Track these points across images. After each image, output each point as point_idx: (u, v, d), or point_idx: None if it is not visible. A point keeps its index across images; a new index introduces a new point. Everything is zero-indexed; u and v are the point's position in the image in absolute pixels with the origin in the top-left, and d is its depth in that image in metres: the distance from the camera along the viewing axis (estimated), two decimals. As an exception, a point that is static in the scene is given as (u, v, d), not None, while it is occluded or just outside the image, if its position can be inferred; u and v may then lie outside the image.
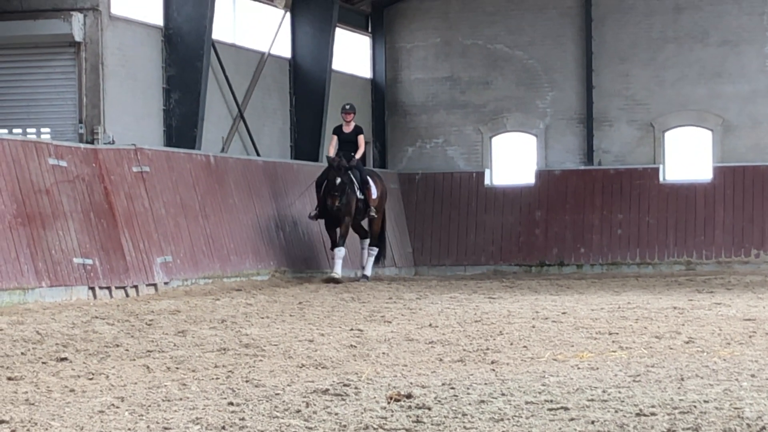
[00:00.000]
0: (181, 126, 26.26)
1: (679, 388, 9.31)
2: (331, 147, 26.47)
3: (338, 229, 26.12)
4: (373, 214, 26.79)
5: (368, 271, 27.38)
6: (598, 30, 33.39)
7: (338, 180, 25.19)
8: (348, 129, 26.19)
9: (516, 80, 34.09)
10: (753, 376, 9.98)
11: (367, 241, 27.56)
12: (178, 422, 7.99)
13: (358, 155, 26.24)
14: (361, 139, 26.27)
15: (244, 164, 26.89)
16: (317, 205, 26.14)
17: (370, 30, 35.26)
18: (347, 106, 26.51)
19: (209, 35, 26.40)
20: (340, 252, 25.79)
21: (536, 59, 34.01)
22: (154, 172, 23.18)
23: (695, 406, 8.31)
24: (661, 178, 32.05)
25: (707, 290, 22.83)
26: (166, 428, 7.79)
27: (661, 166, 32.29)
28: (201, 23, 26.20)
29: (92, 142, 23.39)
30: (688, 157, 32.79)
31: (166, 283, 22.37)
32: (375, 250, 27.56)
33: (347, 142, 26.20)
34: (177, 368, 11.07)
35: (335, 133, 26.35)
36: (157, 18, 26.34)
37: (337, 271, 25.73)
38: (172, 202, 23.48)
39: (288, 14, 31.11)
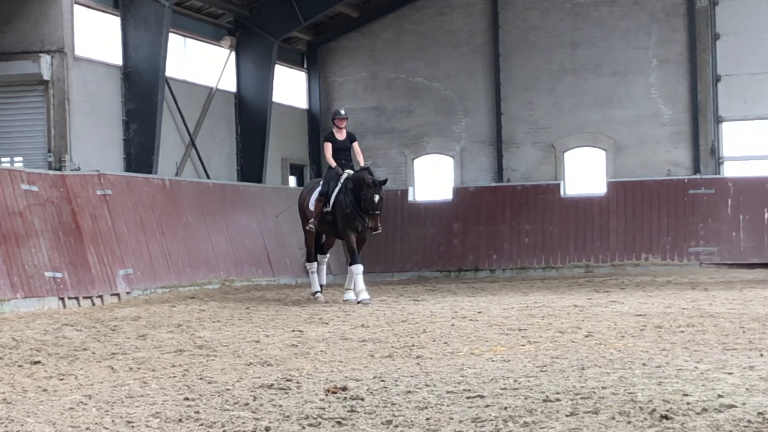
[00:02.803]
0: (140, 153, 26.22)
1: (580, 376, 9.35)
2: (329, 156, 21.62)
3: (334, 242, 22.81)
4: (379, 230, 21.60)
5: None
6: (506, 64, 33.56)
7: (377, 197, 20.67)
8: (341, 136, 21.70)
9: (434, 109, 34.19)
10: (644, 364, 10.04)
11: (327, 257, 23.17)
12: (140, 416, 7.95)
13: (363, 163, 21.96)
14: (357, 146, 22.06)
15: (196, 186, 26.80)
16: (314, 216, 21.54)
17: (305, 66, 35.27)
18: (342, 112, 22.06)
19: (163, 73, 26.37)
20: (359, 269, 20.85)
21: (452, 90, 34.14)
22: (115, 195, 23.07)
23: (594, 392, 8.35)
24: (562, 193, 32.23)
25: (603, 290, 22.94)
26: (129, 422, 7.74)
27: (561, 182, 32.47)
28: (156, 62, 26.17)
29: (60, 169, 23.29)
30: (585, 174, 33.02)
31: (127, 293, 22.26)
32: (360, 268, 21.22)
33: (341, 150, 21.79)
34: (138, 368, 11.00)
35: (329, 140, 21.76)
36: (117, 58, 26.29)
37: (362, 294, 20.76)
38: (133, 221, 23.38)
39: (233, 53, 31.09)
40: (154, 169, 26.14)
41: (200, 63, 30.18)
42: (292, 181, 34.32)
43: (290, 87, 34.43)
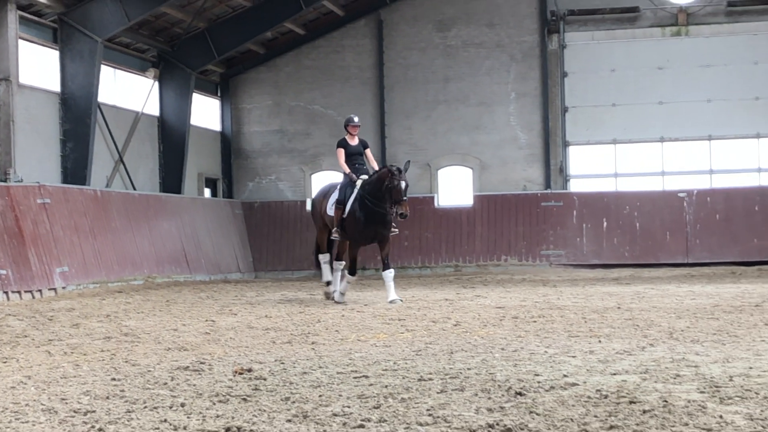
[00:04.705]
0: (75, 168, 25.94)
1: (449, 359, 9.41)
2: (343, 162, 18.71)
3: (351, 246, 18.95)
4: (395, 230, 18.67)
5: (341, 293, 18.88)
6: (389, 95, 33.67)
7: (403, 184, 17.84)
8: (354, 142, 18.85)
9: (329, 132, 34.16)
10: (503, 349, 10.13)
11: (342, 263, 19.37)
12: (73, 394, 7.84)
13: (376, 168, 18.82)
14: (369, 152, 19.16)
15: (123, 196, 26.50)
16: (336, 224, 18.54)
17: (219, 94, 35.05)
18: (355, 119, 19.07)
19: (96, 99, 26.12)
20: (390, 274, 18.06)
21: (343, 116, 33.99)
22: (53, 203, 22.73)
23: (461, 373, 8.41)
24: (436, 204, 32.38)
25: (470, 286, 23.12)
26: (63, 399, 7.64)
27: (435, 195, 32.63)
28: (89, 90, 25.93)
29: (5, 181, 22.97)
30: (455, 188, 33.22)
31: (63, 288, 21.93)
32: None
33: (354, 155, 18.84)
34: (72, 353, 10.84)
35: (342, 146, 18.86)
36: (56, 86, 25.98)
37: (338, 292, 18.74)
38: (68, 226, 23.06)
39: (156, 83, 30.81)
40: (87, 182, 25.88)
41: (128, 91, 29.88)
42: (207, 192, 34.10)
43: (206, 112, 34.19)
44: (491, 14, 33.19)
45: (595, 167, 32.79)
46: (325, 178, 34.24)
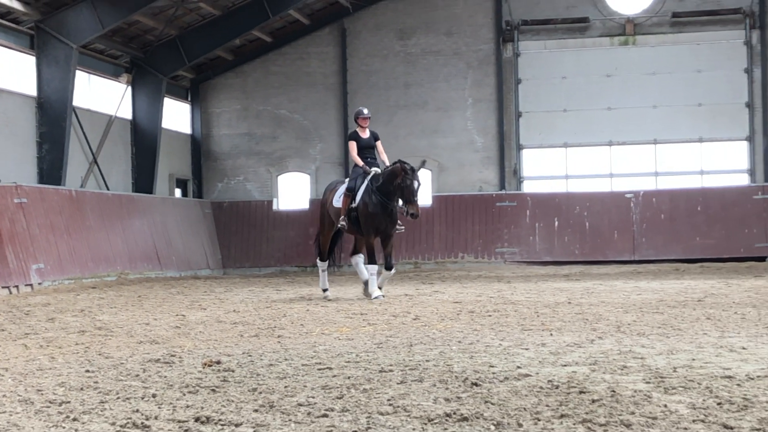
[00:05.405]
0: (50, 169, 25.78)
1: (409, 351, 9.41)
2: (355, 154, 17.68)
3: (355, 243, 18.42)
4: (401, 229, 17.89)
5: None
6: (352, 100, 33.65)
7: (416, 183, 16.87)
8: (365, 135, 17.79)
9: (295, 135, 34.13)
10: (460, 342, 10.14)
11: (360, 256, 18.23)
12: (48, 385, 7.79)
13: (387, 162, 17.83)
14: (380, 145, 18.04)
15: (97, 196, 26.33)
16: (343, 213, 17.62)
17: (189, 99, 34.90)
18: (365, 111, 17.96)
19: (71, 103, 25.96)
20: (374, 269, 17.51)
21: (309, 120, 34.11)
22: (30, 203, 22.55)
23: (420, 364, 8.41)
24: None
25: (428, 282, 23.16)
26: (39, 390, 7.58)
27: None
28: (65, 94, 25.75)
29: (-17, 181, 22.77)
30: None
31: (39, 284, 21.76)
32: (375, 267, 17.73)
33: (366, 148, 17.80)
34: (47, 346, 10.76)
35: (353, 138, 17.80)
36: (32, 90, 25.83)
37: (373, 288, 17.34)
38: (44, 224, 22.89)
39: (129, 88, 30.65)
40: (63, 182, 25.73)
41: (102, 95, 29.71)
42: (178, 192, 33.95)
43: (176, 116, 34.04)
44: (449, 24, 33.26)
45: (547, 169, 32.95)
46: (292, 179, 34.28)
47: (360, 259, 18.07)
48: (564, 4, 32.74)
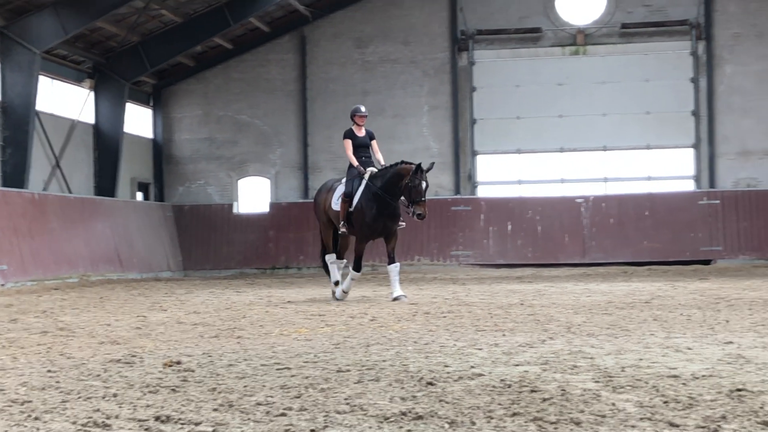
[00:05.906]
0: (14, 172, 25.57)
1: (366, 352, 9.40)
2: (350, 153, 17.05)
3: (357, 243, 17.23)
4: (402, 224, 17.39)
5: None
6: (311, 106, 33.63)
7: (424, 184, 16.45)
8: (361, 133, 17.11)
9: (255, 140, 34.05)
10: (415, 342, 10.14)
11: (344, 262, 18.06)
12: (11, 385, 7.69)
13: (383, 162, 17.39)
14: (375, 144, 17.50)
15: (60, 199, 26.12)
16: (342, 218, 17.15)
17: (151, 104, 34.71)
18: (362, 109, 17.24)
19: (34, 107, 25.77)
20: (396, 268, 16.86)
21: (269, 126, 34.03)
22: (-7, 205, 22.34)
23: (377, 364, 8.40)
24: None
25: (385, 284, 23.11)
26: (1, 390, 7.48)
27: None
28: (28, 99, 25.57)
29: (-54, 184, 22.51)
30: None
31: (2, 285, 21.55)
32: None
33: (361, 147, 17.17)
34: (10, 346, 10.64)
35: (349, 137, 17.04)
36: (-5, 94, 25.59)
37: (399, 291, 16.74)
38: (7, 227, 22.67)
39: (92, 93, 30.45)
40: (26, 185, 25.51)
41: (65, 100, 29.50)
42: (140, 196, 33.75)
43: (138, 120, 33.84)
44: (406, 33, 33.33)
45: (500, 175, 33.09)
46: (252, 183, 34.17)
47: (341, 267, 17.73)
48: (517, 15, 32.91)
